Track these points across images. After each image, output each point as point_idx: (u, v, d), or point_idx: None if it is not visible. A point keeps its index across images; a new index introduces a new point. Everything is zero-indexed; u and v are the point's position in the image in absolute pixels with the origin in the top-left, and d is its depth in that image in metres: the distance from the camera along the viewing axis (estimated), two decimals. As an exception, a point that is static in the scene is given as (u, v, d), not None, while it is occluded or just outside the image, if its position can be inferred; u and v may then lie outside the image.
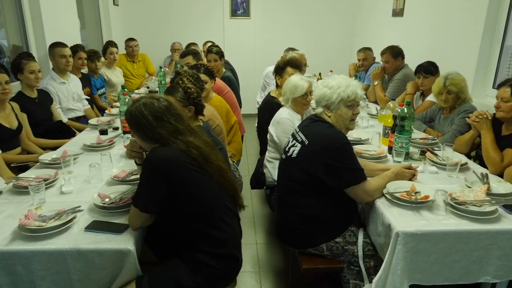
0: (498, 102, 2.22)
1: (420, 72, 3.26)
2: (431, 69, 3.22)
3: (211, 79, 2.79)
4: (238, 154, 3.02)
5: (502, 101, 2.19)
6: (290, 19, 6.29)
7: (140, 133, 1.58)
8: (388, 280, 1.59)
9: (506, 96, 2.16)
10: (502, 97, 2.19)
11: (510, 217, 1.66)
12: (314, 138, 1.81)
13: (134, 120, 1.56)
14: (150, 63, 5.63)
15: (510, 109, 2.16)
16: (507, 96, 2.16)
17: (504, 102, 2.18)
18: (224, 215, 1.59)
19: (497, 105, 2.22)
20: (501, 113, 2.20)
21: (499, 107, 2.21)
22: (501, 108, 2.19)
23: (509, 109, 2.16)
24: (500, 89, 2.22)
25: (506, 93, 2.17)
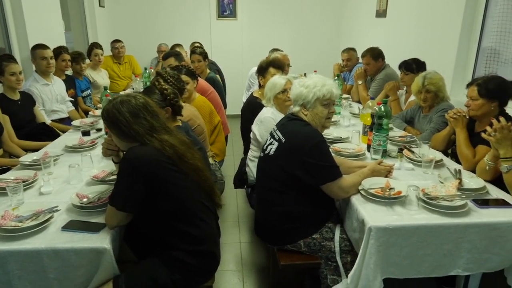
0: (468, 101, 2.28)
1: (402, 68, 3.33)
2: (412, 67, 3.27)
3: (193, 79, 2.82)
4: (221, 154, 3.05)
5: (471, 99, 2.25)
6: (277, 20, 6.33)
7: (116, 130, 1.59)
8: (362, 274, 1.63)
9: (474, 94, 2.22)
10: (471, 96, 2.25)
11: (479, 211, 1.71)
12: (290, 136, 1.85)
13: (111, 117, 1.58)
14: (136, 64, 5.62)
15: (478, 107, 2.22)
16: (475, 95, 2.22)
17: (473, 100, 2.23)
18: (200, 212, 1.61)
19: (467, 104, 2.28)
20: (471, 111, 2.26)
21: (469, 106, 2.27)
22: (471, 106, 2.25)
23: (478, 107, 2.22)
24: (469, 89, 2.28)
25: (474, 92, 2.23)
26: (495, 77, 2.28)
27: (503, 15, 2.98)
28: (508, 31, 2.96)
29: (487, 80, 2.25)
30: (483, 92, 2.21)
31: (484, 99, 2.22)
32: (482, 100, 2.22)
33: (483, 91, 2.21)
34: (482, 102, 2.22)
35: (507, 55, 3.01)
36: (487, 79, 2.26)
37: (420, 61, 3.33)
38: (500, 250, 1.67)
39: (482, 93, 2.21)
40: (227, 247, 2.83)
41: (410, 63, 3.32)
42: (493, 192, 1.89)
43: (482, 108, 2.23)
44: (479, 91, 2.22)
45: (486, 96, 2.21)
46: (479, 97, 2.22)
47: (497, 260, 1.69)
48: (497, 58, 3.10)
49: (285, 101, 2.63)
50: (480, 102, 2.23)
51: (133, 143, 1.58)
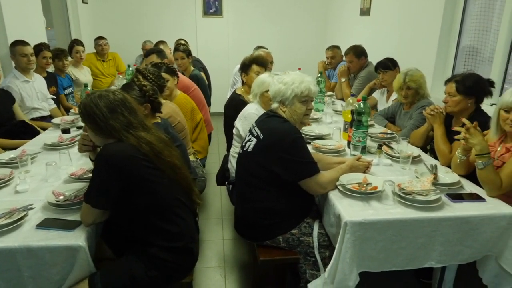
0: (446, 97, 2.32)
1: (379, 69, 3.37)
2: (389, 64, 3.32)
3: (173, 76, 2.81)
4: (204, 151, 3.05)
5: (449, 96, 2.29)
6: (262, 18, 6.34)
7: (92, 124, 1.57)
8: (338, 268, 1.65)
9: (452, 91, 2.27)
10: (449, 92, 2.30)
11: (453, 205, 1.74)
12: (268, 133, 1.86)
13: (87, 111, 1.56)
14: (121, 62, 5.57)
15: (456, 104, 2.27)
16: (453, 91, 2.27)
17: (451, 96, 2.28)
18: (177, 209, 1.61)
19: (445, 100, 2.33)
20: (449, 107, 2.31)
21: (447, 102, 2.31)
22: (449, 103, 2.30)
23: (455, 103, 2.27)
24: (447, 85, 2.33)
25: (452, 88, 2.27)
26: (472, 74, 2.33)
27: (481, 14, 3.04)
28: (486, 30, 3.02)
29: (465, 77, 2.29)
30: (461, 88, 2.26)
31: (462, 95, 2.26)
32: (460, 97, 2.27)
33: (461, 88, 2.26)
34: (460, 99, 2.27)
35: (485, 53, 3.06)
36: (465, 76, 2.30)
37: (393, 59, 3.38)
38: (472, 243, 1.71)
39: (460, 89, 2.26)
40: (210, 244, 2.83)
41: (385, 62, 3.36)
42: (467, 186, 1.93)
43: (459, 104, 2.28)
44: (457, 88, 2.27)
45: (463, 92, 2.26)
46: (457, 94, 2.27)
47: (469, 252, 1.73)
48: (476, 56, 3.16)
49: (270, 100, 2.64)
50: (458, 98, 2.27)
51: (109, 139, 1.58)
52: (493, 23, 2.94)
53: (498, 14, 2.87)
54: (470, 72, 2.36)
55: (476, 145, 1.83)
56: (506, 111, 1.85)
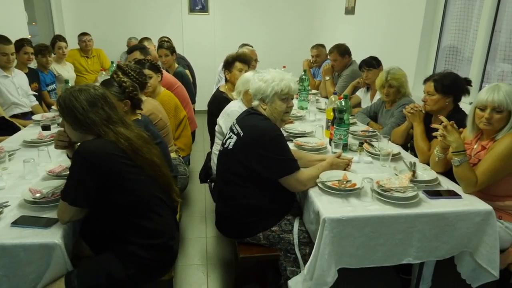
0: (425, 96, 2.36)
1: (363, 67, 3.41)
2: (373, 63, 3.36)
3: (156, 73, 2.78)
4: (187, 149, 3.03)
5: (428, 94, 2.33)
6: (249, 15, 6.33)
7: (71, 118, 1.54)
8: (317, 265, 1.66)
9: (431, 90, 2.30)
10: (427, 91, 2.33)
11: (430, 201, 1.77)
12: (248, 130, 1.86)
13: (67, 104, 1.54)
14: (105, 58, 5.50)
15: (435, 102, 2.31)
16: (431, 90, 2.30)
17: (430, 95, 2.32)
18: (156, 206, 1.60)
19: (424, 99, 2.36)
20: (427, 106, 2.34)
21: (426, 101, 2.35)
22: (428, 101, 2.33)
23: (434, 102, 2.31)
24: (426, 84, 2.36)
25: (430, 88, 2.31)
26: (450, 73, 2.37)
27: (460, 14, 3.09)
28: (466, 30, 3.07)
29: (443, 76, 2.33)
30: (439, 87, 2.29)
31: (440, 94, 2.30)
32: (438, 95, 2.30)
33: (439, 87, 2.29)
34: (438, 97, 2.30)
35: (465, 52, 3.12)
36: (442, 75, 2.34)
37: (377, 58, 3.42)
38: (448, 239, 1.75)
39: (438, 88, 2.29)
40: (193, 242, 2.83)
41: (369, 60, 3.40)
42: (445, 183, 1.97)
43: (438, 103, 2.32)
44: (435, 87, 2.30)
45: (441, 91, 2.29)
46: (435, 93, 2.31)
47: (446, 248, 1.76)
48: (456, 56, 3.21)
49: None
50: (436, 97, 2.31)
51: (87, 135, 1.56)
52: (472, 23, 2.99)
53: (477, 14, 2.92)
54: (448, 71, 2.40)
55: (452, 143, 1.86)
56: (481, 109, 1.89)
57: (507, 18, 2.68)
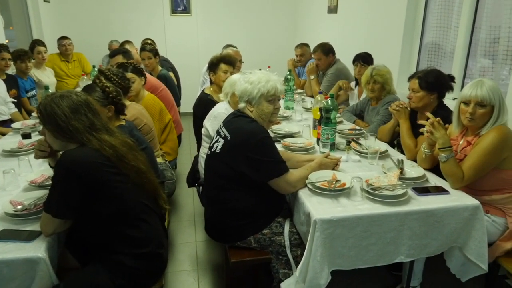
0: (410, 93, 2.37)
1: (359, 61, 3.43)
2: (368, 59, 3.38)
3: (140, 77, 2.73)
4: (173, 153, 2.99)
5: (413, 92, 2.35)
6: (232, 16, 6.30)
7: (52, 126, 1.49)
8: (309, 267, 1.65)
9: (416, 87, 2.32)
10: (412, 89, 2.35)
11: (418, 198, 1.78)
12: (235, 133, 1.83)
13: (48, 111, 1.48)
14: (86, 62, 5.40)
15: (419, 99, 2.32)
16: (416, 87, 2.32)
17: (415, 92, 2.33)
18: (143, 214, 1.57)
19: (409, 96, 2.38)
20: (413, 103, 2.36)
21: (411, 98, 2.36)
22: (412, 99, 2.35)
23: (419, 99, 2.32)
24: (411, 81, 2.38)
25: (415, 85, 2.32)
26: (433, 70, 2.39)
27: (441, 12, 3.13)
28: (447, 27, 3.11)
29: (427, 73, 2.35)
30: (423, 84, 2.31)
31: (425, 91, 2.31)
32: (423, 92, 2.32)
33: (423, 84, 2.31)
34: (423, 94, 2.32)
35: (447, 49, 3.16)
36: (426, 72, 2.35)
37: (371, 55, 3.44)
38: (438, 235, 1.76)
39: (423, 85, 2.31)
40: (183, 247, 2.79)
41: (365, 56, 3.42)
42: (432, 180, 1.98)
43: (422, 100, 2.33)
44: (420, 84, 2.32)
45: (426, 88, 2.31)
46: (420, 90, 2.32)
47: (436, 245, 1.77)
48: (438, 52, 3.25)
49: None
50: (421, 94, 2.32)
51: (69, 143, 1.51)
52: (453, 20, 3.03)
53: (457, 11, 2.96)
54: (432, 68, 2.42)
55: (439, 139, 1.87)
56: (465, 103, 1.91)
57: (487, 14, 2.72)
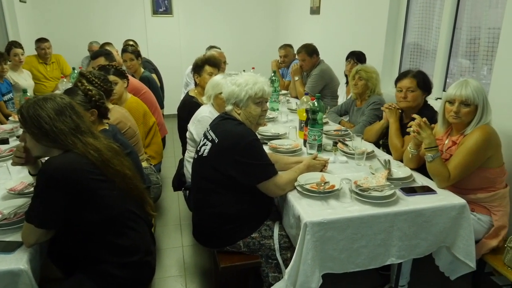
0: (405, 92, 2.34)
1: (352, 58, 3.45)
2: (361, 58, 3.40)
3: (122, 79, 2.67)
4: (158, 156, 2.93)
5: (408, 91, 2.32)
6: (214, 17, 6.26)
7: (36, 129, 1.42)
8: (300, 270, 1.63)
9: (413, 86, 2.31)
10: (408, 87, 2.32)
11: (407, 199, 1.79)
12: (223, 136, 1.81)
13: (30, 114, 1.42)
14: (65, 64, 5.25)
15: (415, 98, 2.33)
16: (413, 86, 2.31)
17: (411, 92, 2.32)
18: (130, 222, 1.52)
19: (404, 95, 2.34)
20: (408, 102, 2.34)
21: (406, 97, 2.33)
22: (408, 98, 2.33)
23: (414, 98, 2.33)
24: (404, 80, 2.35)
25: (412, 83, 2.31)
26: (421, 71, 2.41)
27: (423, 12, 3.17)
28: (428, 28, 3.16)
29: (420, 73, 2.36)
30: (421, 84, 2.32)
31: (421, 90, 2.33)
32: (419, 91, 2.33)
33: (421, 83, 2.32)
34: (419, 93, 2.34)
35: (428, 49, 3.20)
36: (419, 72, 2.37)
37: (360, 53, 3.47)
38: (427, 235, 1.77)
39: (420, 85, 2.32)
40: (169, 252, 2.74)
41: (360, 54, 3.44)
42: (419, 179, 2.00)
43: (417, 99, 2.35)
44: (418, 83, 2.32)
45: (423, 88, 2.33)
46: (417, 89, 2.33)
47: (425, 245, 1.79)
48: (420, 53, 3.30)
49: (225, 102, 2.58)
50: (417, 93, 2.33)
51: (52, 149, 1.45)
52: (434, 20, 3.08)
53: (438, 12, 3.01)
54: (419, 70, 2.44)
55: (425, 139, 1.89)
56: (450, 103, 1.93)
57: (467, 15, 2.77)
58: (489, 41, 2.57)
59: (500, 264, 1.87)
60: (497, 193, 1.93)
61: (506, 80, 2.22)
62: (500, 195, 1.93)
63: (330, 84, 3.82)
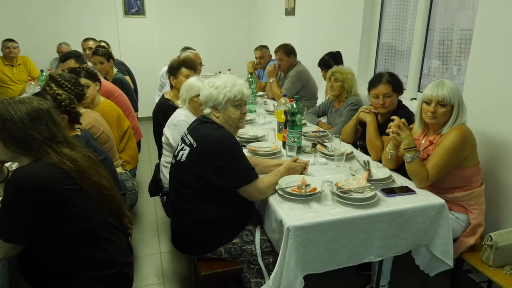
0: (382, 99, 2.32)
1: (321, 67, 3.47)
2: (330, 63, 3.38)
3: (94, 82, 2.57)
4: (133, 161, 2.84)
5: (385, 97, 2.32)
6: (188, 18, 6.17)
7: (5, 134, 1.32)
8: (283, 275, 1.61)
9: (389, 91, 2.31)
10: (384, 94, 2.32)
11: (387, 199, 1.80)
12: (202, 140, 1.76)
13: (2, 117, 1.31)
14: (33, 66, 5.05)
15: (392, 103, 2.35)
16: (389, 92, 2.32)
17: (388, 97, 2.33)
18: (106, 233, 1.45)
19: (382, 102, 2.33)
20: (386, 108, 2.35)
21: (384, 103, 2.33)
22: (386, 104, 2.33)
23: (392, 103, 2.35)
24: (380, 87, 2.33)
25: (388, 89, 2.31)
26: (391, 72, 2.43)
27: (396, 14, 3.23)
28: (401, 29, 3.21)
29: (391, 76, 2.36)
30: (396, 87, 2.34)
31: (396, 93, 2.35)
32: (395, 95, 2.36)
33: (396, 87, 2.34)
34: (395, 97, 2.36)
35: (402, 49, 3.26)
36: (390, 75, 2.36)
37: (335, 53, 3.46)
38: (406, 234, 1.78)
39: (396, 88, 2.34)
40: (146, 260, 2.65)
41: (327, 59, 3.44)
42: (398, 180, 2.01)
43: (394, 103, 2.37)
44: (393, 88, 2.33)
45: (397, 90, 2.35)
46: (393, 93, 2.34)
47: (404, 243, 1.80)
48: (394, 54, 3.35)
49: (201, 105, 2.51)
50: (394, 97, 2.35)
51: (22, 156, 1.36)
52: (407, 22, 3.14)
53: (412, 14, 3.07)
54: (389, 71, 2.46)
55: (404, 139, 1.91)
56: (427, 103, 1.96)
57: (440, 17, 2.83)
58: (461, 42, 2.64)
59: (478, 261, 1.90)
60: (473, 192, 1.97)
61: (479, 80, 2.27)
62: (476, 193, 1.98)
63: (307, 85, 3.83)
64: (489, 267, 1.86)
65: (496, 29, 2.13)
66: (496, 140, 2.18)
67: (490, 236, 1.85)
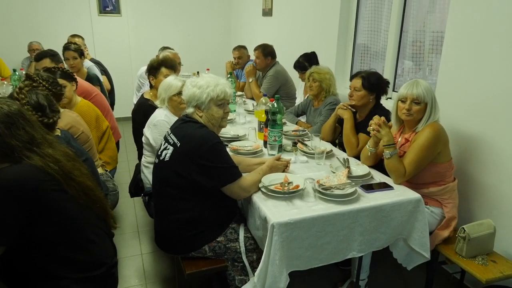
0: (352, 91, 2.47)
1: (296, 69, 3.51)
2: (304, 65, 3.44)
3: (71, 82, 2.52)
4: (113, 162, 2.80)
5: (354, 90, 2.45)
6: (165, 17, 6.12)
7: None
8: (268, 272, 1.64)
9: (358, 86, 2.43)
10: (354, 87, 2.45)
11: (367, 195, 1.86)
12: (185, 140, 1.76)
13: None
14: (3, 65, 4.88)
15: (360, 98, 2.44)
16: (358, 86, 2.42)
17: (356, 91, 2.44)
18: (91, 235, 1.43)
19: (350, 94, 2.48)
20: (353, 101, 2.47)
21: (352, 96, 2.47)
22: (354, 97, 2.45)
23: (360, 98, 2.44)
24: (353, 80, 2.48)
25: (358, 83, 2.43)
26: (375, 72, 2.51)
27: (371, 16, 3.32)
28: (376, 30, 3.31)
29: (370, 74, 2.46)
30: (366, 84, 2.42)
31: (366, 90, 2.43)
32: (364, 92, 2.43)
33: (366, 84, 2.42)
34: (364, 94, 2.43)
35: (377, 50, 3.36)
36: (370, 73, 2.46)
37: (310, 54, 3.52)
38: (386, 229, 1.85)
39: (365, 85, 2.42)
40: (128, 261, 2.63)
41: (301, 61, 3.49)
42: (376, 176, 2.08)
43: (363, 99, 2.45)
44: (362, 83, 2.42)
45: (367, 88, 2.43)
46: (362, 89, 2.43)
47: (384, 238, 1.87)
48: (369, 54, 3.45)
49: (180, 104, 2.52)
50: (362, 93, 2.43)
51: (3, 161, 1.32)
52: (382, 24, 3.23)
53: (386, 16, 3.16)
54: (374, 71, 2.54)
55: (384, 136, 1.98)
56: (402, 101, 2.04)
57: (412, 19, 2.94)
58: (433, 44, 2.75)
59: (452, 253, 1.99)
60: (447, 187, 2.06)
61: (451, 80, 2.37)
62: (449, 188, 2.07)
63: (285, 85, 3.87)
64: (462, 258, 1.95)
65: (467, 31, 2.24)
66: (467, 137, 2.28)
67: (463, 228, 1.94)
